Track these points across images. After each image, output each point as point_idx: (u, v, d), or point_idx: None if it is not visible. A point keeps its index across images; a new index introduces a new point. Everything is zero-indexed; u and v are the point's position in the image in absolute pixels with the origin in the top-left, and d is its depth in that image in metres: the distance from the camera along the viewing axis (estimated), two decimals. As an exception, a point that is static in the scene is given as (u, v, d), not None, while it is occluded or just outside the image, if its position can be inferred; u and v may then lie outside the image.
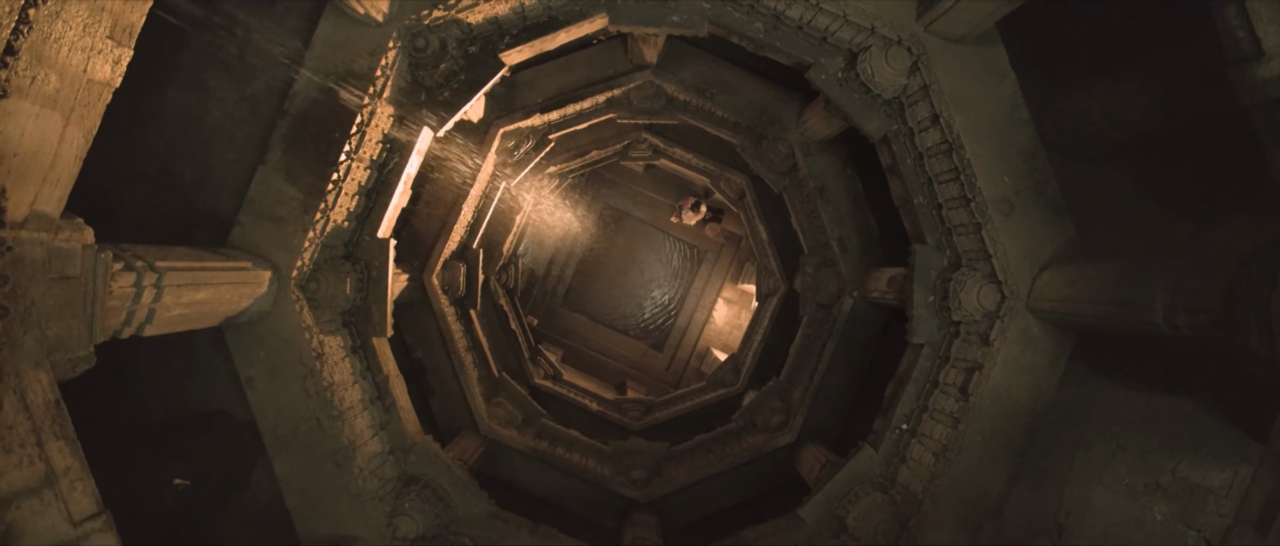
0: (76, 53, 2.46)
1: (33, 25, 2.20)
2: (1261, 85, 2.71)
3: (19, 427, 2.39)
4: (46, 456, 2.55)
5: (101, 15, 2.50)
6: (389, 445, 5.12)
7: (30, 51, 2.25)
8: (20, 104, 2.31)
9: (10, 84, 2.21)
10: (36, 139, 2.44)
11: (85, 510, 2.65)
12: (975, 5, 4.23)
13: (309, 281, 4.67)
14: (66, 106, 2.51)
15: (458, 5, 4.62)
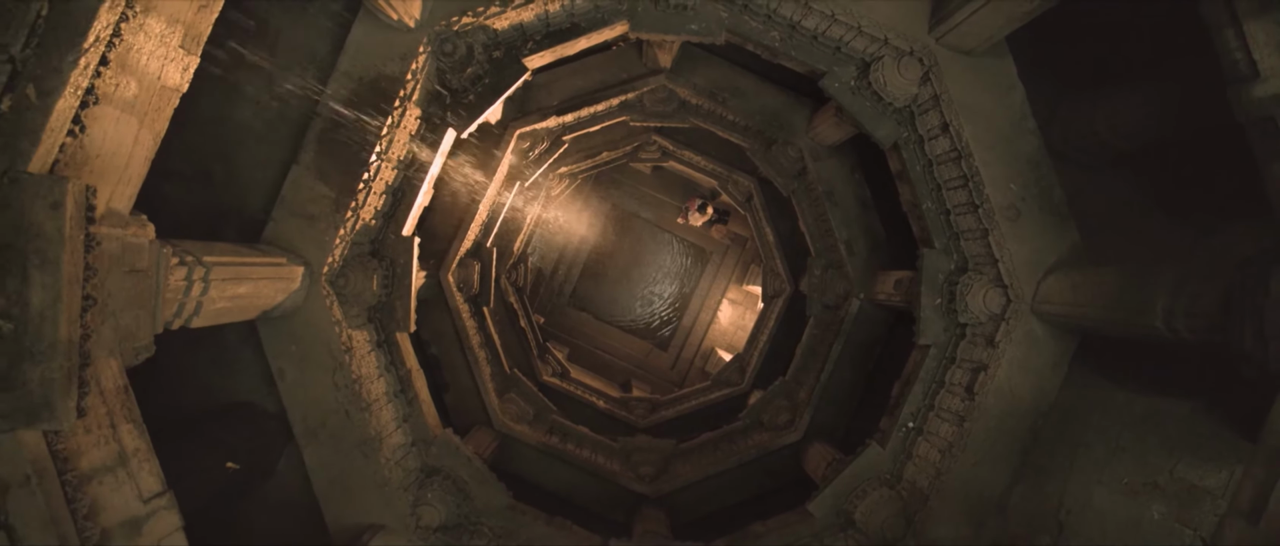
0: (153, 61, 2.65)
1: (123, 36, 2.39)
2: (1257, 104, 2.91)
3: (97, 411, 2.58)
4: (119, 438, 2.74)
5: (176, 26, 2.69)
6: (412, 437, 5.31)
7: (118, 61, 2.44)
8: (106, 109, 2.50)
9: (100, 92, 2.40)
10: (115, 141, 2.63)
11: (152, 488, 2.84)
12: (986, 20, 4.43)
13: (338, 277, 4.85)
14: (141, 111, 2.71)
15: (485, 12, 4.81)
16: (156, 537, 2.81)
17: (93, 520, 2.53)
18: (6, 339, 2.22)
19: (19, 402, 2.24)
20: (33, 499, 2.34)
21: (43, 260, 2.24)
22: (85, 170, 2.52)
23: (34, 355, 2.25)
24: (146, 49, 2.58)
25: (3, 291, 2.22)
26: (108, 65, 2.39)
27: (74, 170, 2.45)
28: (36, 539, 2.34)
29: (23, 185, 2.22)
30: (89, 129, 2.44)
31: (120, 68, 2.47)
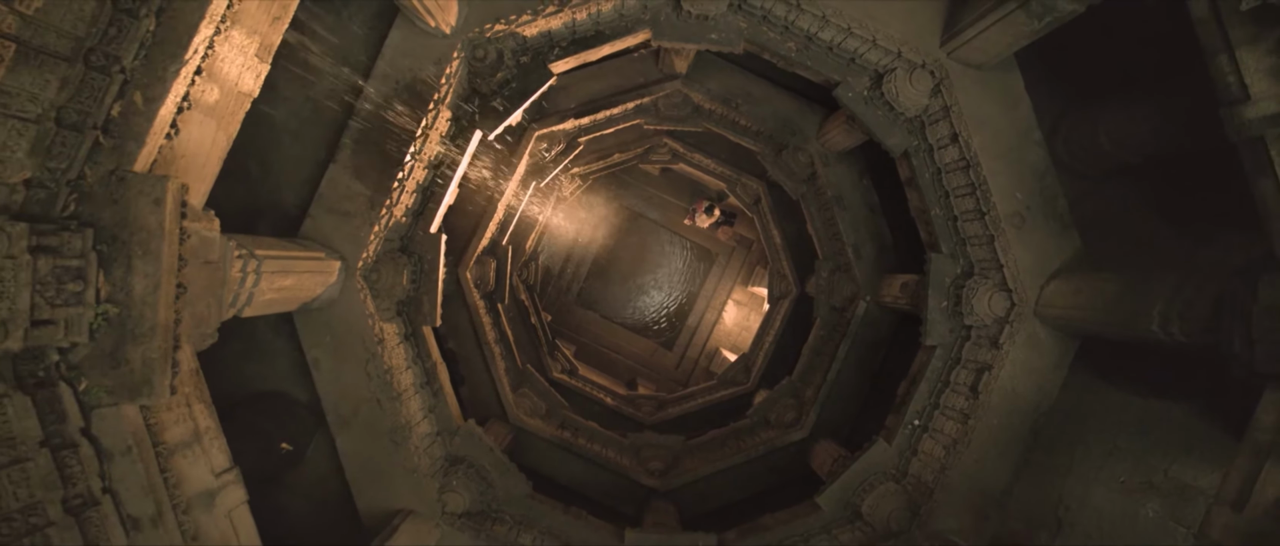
0: (233, 69, 2.90)
1: (214, 47, 2.64)
2: (1248, 124, 3.18)
3: (179, 391, 2.83)
4: (194, 416, 2.99)
5: (253, 37, 2.94)
6: (437, 427, 5.56)
7: (208, 70, 2.69)
8: (194, 114, 2.75)
9: (192, 98, 2.65)
10: (197, 143, 2.88)
11: (222, 464, 3.09)
12: (995, 37, 4.69)
13: (372, 272, 5.10)
14: (220, 115, 2.96)
15: (516, 20, 5.06)
16: (227, 509, 3.06)
17: (178, 490, 2.78)
18: (113, 322, 2.47)
19: (122, 379, 2.49)
20: (134, 467, 2.59)
21: (145, 251, 2.49)
22: (173, 169, 2.77)
23: (136, 337, 2.50)
24: (229, 58, 2.83)
25: (109, 278, 2.47)
26: (201, 74, 2.64)
27: (166, 169, 2.71)
28: (137, 505, 2.59)
29: (129, 183, 2.47)
30: (181, 132, 2.69)
31: (209, 76, 2.73)
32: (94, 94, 2.36)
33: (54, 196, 2.39)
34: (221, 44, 2.72)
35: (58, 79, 2.23)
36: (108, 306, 2.47)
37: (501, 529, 5.37)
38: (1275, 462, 3.01)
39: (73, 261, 2.36)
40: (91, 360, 2.49)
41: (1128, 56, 5.45)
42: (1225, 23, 3.07)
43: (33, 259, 2.22)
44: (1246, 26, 3.01)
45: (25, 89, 2.15)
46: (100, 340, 2.50)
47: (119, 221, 2.47)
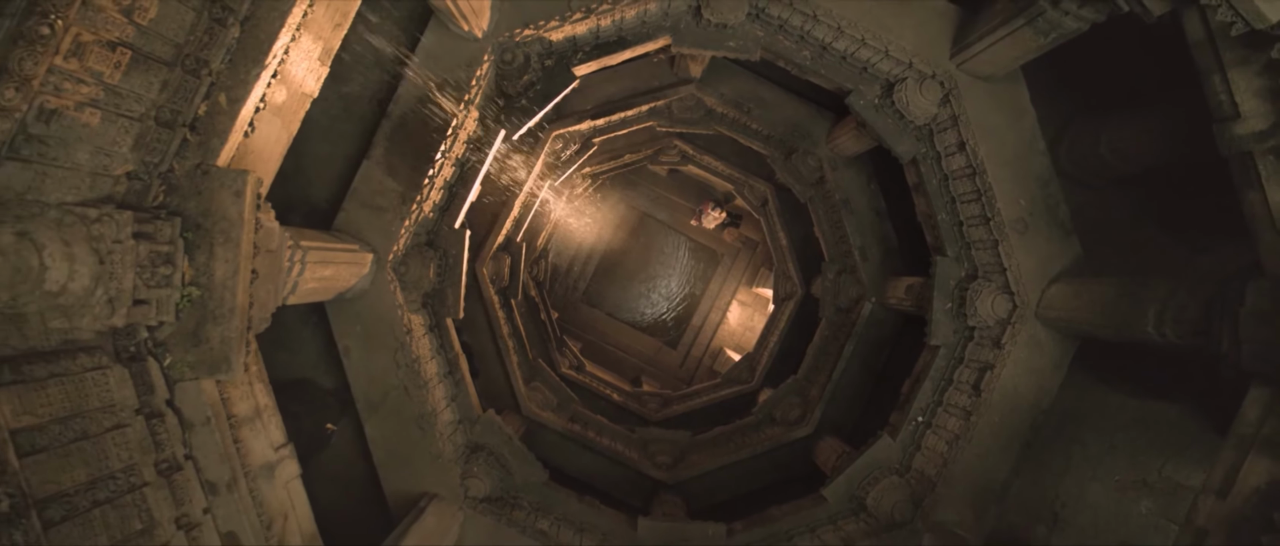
0: (299, 71, 3.16)
1: (289, 53, 2.90)
2: (1238, 140, 3.44)
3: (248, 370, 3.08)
4: (255, 394, 3.24)
5: (319, 42, 3.20)
6: (459, 415, 5.81)
7: (281, 73, 2.94)
8: (265, 113, 3.00)
9: (267, 99, 2.91)
10: (266, 139, 3.13)
11: (278, 440, 3.34)
12: (1003, 51, 4.96)
13: (401, 264, 5.35)
14: (285, 114, 3.21)
15: (545, 26, 5.31)
16: (284, 480, 3.31)
17: (246, 460, 3.02)
18: (196, 303, 2.73)
19: (203, 356, 2.74)
20: (212, 436, 2.84)
21: (226, 239, 2.74)
22: (246, 164, 3.03)
23: (216, 317, 2.75)
24: (298, 62, 3.09)
25: (194, 263, 2.72)
26: (275, 77, 2.89)
27: (240, 164, 2.96)
28: (214, 471, 2.84)
29: (213, 176, 2.72)
30: (256, 130, 2.94)
31: (280, 78, 2.98)
32: (185, 95, 2.61)
33: (147, 188, 2.64)
34: (294, 49, 2.98)
35: (159, 81, 2.48)
36: (191, 289, 2.72)
37: (520, 514, 5.62)
38: (1258, 454, 3.27)
39: (164, 247, 2.61)
40: (176, 338, 2.75)
41: (1130, 71, 5.71)
42: (1218, 46, 3.34)
43: (135, 244, 2.47)
44: (1238, 50, 3.28)
45: (134, 90, 2.40)
46: (184, 320, 2.75)
47: (203, 211, 2.72)
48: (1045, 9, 4.36)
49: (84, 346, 2.45)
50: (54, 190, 2.29)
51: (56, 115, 2.18)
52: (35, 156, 2.19)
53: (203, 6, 2.50)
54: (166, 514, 2.60)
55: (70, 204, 2.33)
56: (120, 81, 2.32)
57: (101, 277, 2.37)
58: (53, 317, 2.31)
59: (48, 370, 2.29)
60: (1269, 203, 3.38)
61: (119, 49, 2.26)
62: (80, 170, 2.36)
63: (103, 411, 2.47)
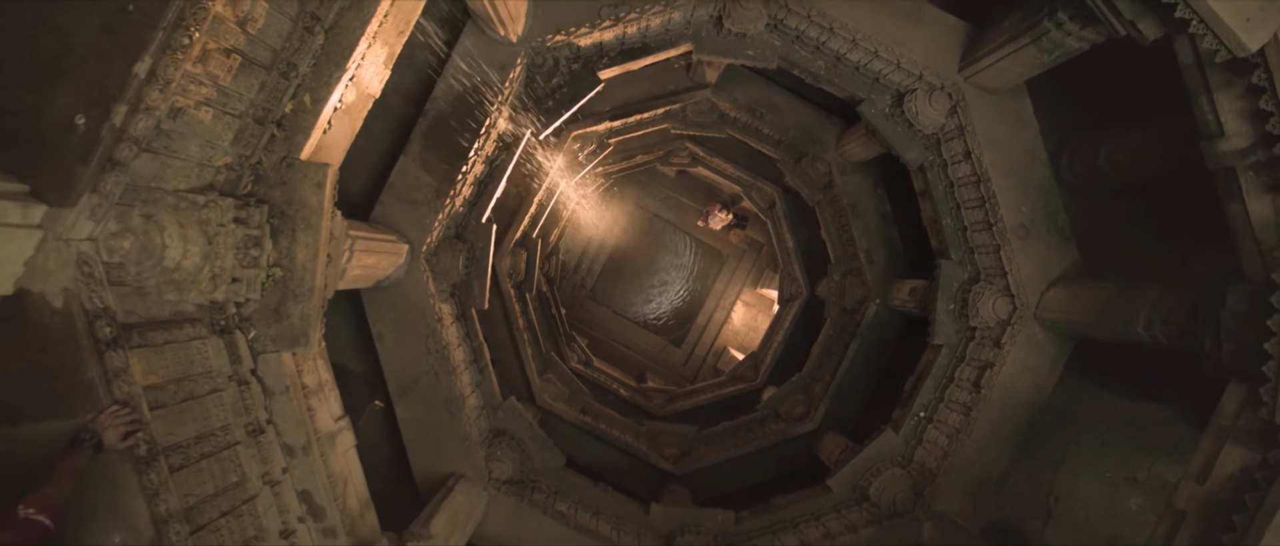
0: (368, 74, 3.49)
1: (365, 57, 3.23)
2: (1222, 156, 3.79)
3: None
4: (318, 369, 3.57)
5: (385, 47, 3.53)
6: (483, 401, 6.14)
7: (356, 75, 3.27)
8: (338, 113, 3.33)
9: (343, 100, 3.24)
10: (335, 135, 3.46)
11: (337, 412, 3.67)
12: (1010, 66, 5.30)
13: (433, 256, 5.68)
14: (352, 113, 3.55)
15: (575, 32, 5.64)
16: (343, 450, 3.64)
17: (315, 428, 3.35)
18: (278, 283, 3.05)
19: (284, 331, 3.07)
20: (290, 404, 3.17)
21: (307, 225, 3.07)
22: (319, 158, 3.35)
23: (297, 296, 3.08)
24: (368, 66, 3.42)
25: (277, 247, 3.05)
26: (351, 80, 3.22)
27: (315, 158, 3.29)
28: (291, 435, 3.16)
29: (297, 168, 3.05)
30: (331, 127, 3.27)
31: (354, 81, 3.31)
32: (277, 95, 2.94)
33: (239, 178, 2.97)
34: (367, 55, 3.31)
35: (258, 83, 2.81)
36: (275, 269, 3.05)
37: (540, 496, 5.94)
38: (1233, 443, 3.62)
39: (254, 231, 2.93)
40: (260, 314, 3.07)
41: (1129, 87, 6.06)
42: (1205, 70, 3.69)
43: (234, 228, 2.79)
44: (1222, 74, 3.62)
45: (239, 91, 2.72)
46: (267, 297, 3.07)
47: (287, 200, 3.05)
48: (1049, 29, 4.70)
49: (188, 318, 2.77)
50: (172, 179, 2.62)
51: (181, 113, 2.50)
52: (161, 149, 2.51)
53: (298, 17, 2.82)
54: (255, 470, 2.92)
55: (183, 191, 2.65)
56: (230, 83, 2.65)
57: (209, 256, 2.70)
58: (167, 290, 2.64)
59: (164, 337, 2.61)
60: (1249, 214, 3.73)
61: (232, 55, 2.59)
62: (191, 161, 2.68)
63: (203, 376, 2.79)
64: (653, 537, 6.18)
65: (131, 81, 2.22)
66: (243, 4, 2.52)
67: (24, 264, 2.19)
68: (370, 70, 3.47)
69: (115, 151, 2.28)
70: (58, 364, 2.29)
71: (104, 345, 2.36)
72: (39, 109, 2.20)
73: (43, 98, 2.20)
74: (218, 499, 2.70)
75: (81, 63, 2.21)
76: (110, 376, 2.36)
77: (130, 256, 2.47)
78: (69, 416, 2.31)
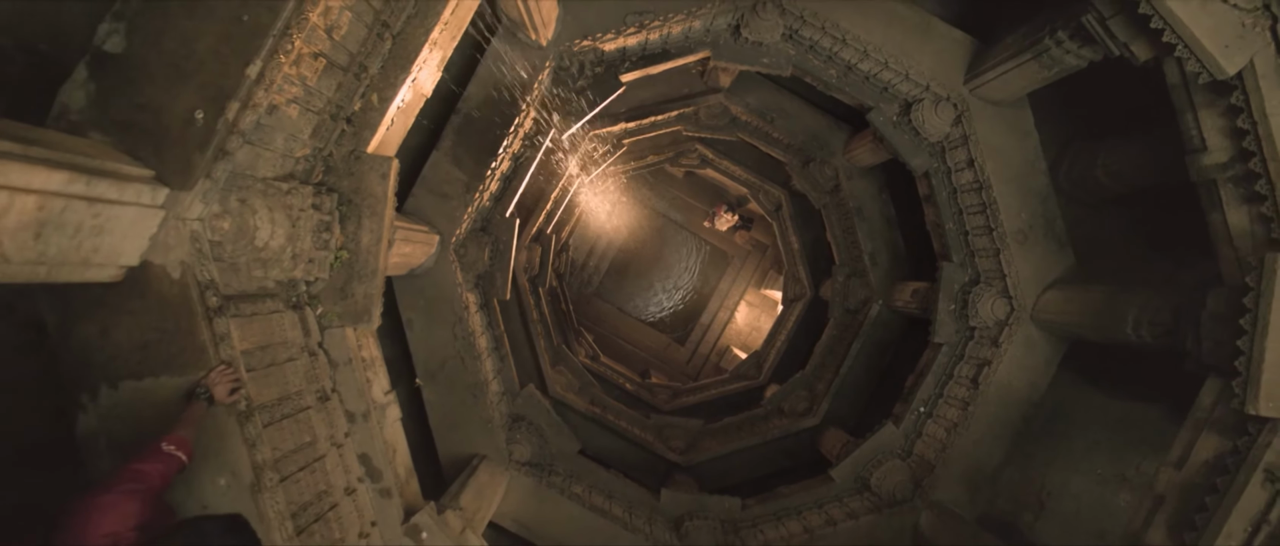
0: (424, 75, 3.84)
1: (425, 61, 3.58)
2: (1205, 169, 4.15)
3: (371, 323, 3.76)
4: (370, 346, 3.91)
5: (440, 51, 3.88)
6: (503, 387, 6.48)
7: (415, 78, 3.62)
8: (398, 111, 3.68)
9: (403, 101, 3.59)
10: (394, 132, 3.81)
11: (385, 386, 4.02)
12: (1012, 80, 5.66)
13: (461, 247, 6.03)
14: (408, 110, 3.90)
15: (601, 37, 5.99)
16: (391, 421, 3.99)
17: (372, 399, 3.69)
18: (345, 265, 3.40)
19: (349, 308, 3.42)
20: (352, 375, 3.51)
21: (372, 213, 3.42)
22: (381, 151, 3.70)
23: (361, 277, 3.42)
24: (426, 69, 3.77)
25: (344, 231, 3.40)
26: (415, 82, 3.57)
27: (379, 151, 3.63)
28: (352, 404, 3.51)
29: (363, 161, 3.40)
30: (398, 124, 3.62)
31: (414, 82, 3.66)
32: (349, 93, 3.29)
33: (312, 168, 3.31)
34: (428, 58, 3.66)
35: (336, 83, 3.16)
36: (342, 252, 3.40)
37: (557, 478, 6.29)
38: (1209, 433, 3.98)
39: (326, 217, 3.28)
40: (327, 292, 3.42)
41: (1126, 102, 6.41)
42: (1190, 89, 4.05)
43: (312, 213, 3.14)
44: (1205, 94, 3.99)
45: (320, 90, 3.07)
46: (334, 277, 3.42)
47: (354, 189, 3.40)
48: (1049, 47, 5.06)
49: (269, 293, 3.12)
50: (262, 168, 2.96)
51: (275, 110, 2.85)
52: (257, 141, 2.86)
53: (372, 24, 3.17)
54: (323, 433, 3.26)
55: (270, 178, 3.00)
56: (314, 83, 2.99)
57: (292, 238, 3.05)
58: (255, 267, 2.98)
59: (251, 309, 2.96)
60: (1228, 223, 4.09)
61: (319, 58, 2.94)
62: (277, 152, 3.03)
63: (282, 346, 3.14)
64: (663, 521, 6.53)
65: (244, 81, 2.56)
66: (332, 14, 2.87)
67: (149, 239, 2.53)
68: (426, 72, 3.82)
69: (227, 143, 2.62)
70: (174, 327, 2.63)
71: (212, 312, 2.70)
72: (165, 105, 2.54)
73: (168, 95, 2.54)
74: (296, 455, 3.05)
75: (202, 65, 2.55)
76: (217, 340, 2.71)
77: (227, 236, 2.81)
78: (183, 373, 2.65)
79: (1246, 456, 3.63)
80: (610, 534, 6.07)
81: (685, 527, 6.41)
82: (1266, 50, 3.56)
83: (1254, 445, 3.62)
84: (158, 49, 2.53)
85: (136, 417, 2.61)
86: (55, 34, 3.22)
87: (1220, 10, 3.53)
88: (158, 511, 2.23)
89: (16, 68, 3.15)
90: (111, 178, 2.30)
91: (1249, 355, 3.65)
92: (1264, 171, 3.72)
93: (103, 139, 2.52)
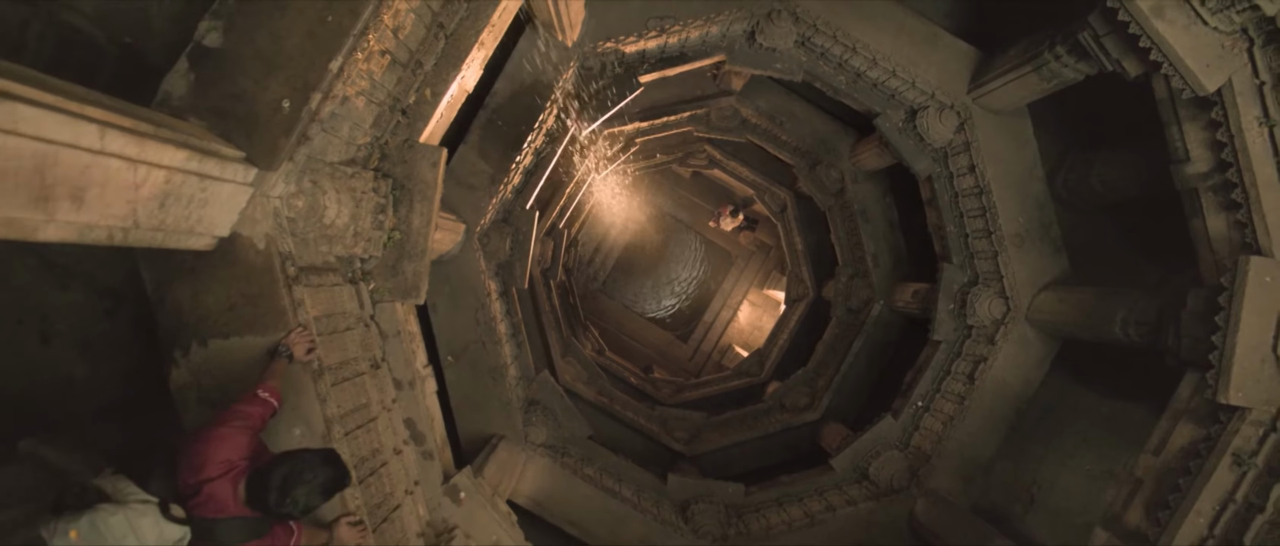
0: (469, 73, 4.18)
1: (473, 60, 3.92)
2: (1188, 178, 4.52)
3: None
4: (409, 322, 4.25)
5: (484, 51, 4.23)
6: (520, 372, 6.82)
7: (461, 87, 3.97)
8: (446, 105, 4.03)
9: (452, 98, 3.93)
10: (438, 123, 4.15)
11: (423, 360, 4.38)
12: (1013, 90, 6.02)
13: (485, 236, 6.36)
14: (451, 104, 4.24)
15: (623, 40, 6.34)
16: (428, 392, 4.33)
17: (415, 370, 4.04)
18: (396, 244, 3.75)
19: (399, 285, 3.76)
20: (400, 346, 3.86)
21: (423, 197, 3.76)
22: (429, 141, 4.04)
23: (411, 256, 3.77)
24: (471, 67, 4.11)
25: (396, 214, 3.74)
26: (462, 77, 3.92)
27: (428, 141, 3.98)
28: (400, 372, 3.85)
29: (416, 150, 3.75)
30: (444, 118, 3.97)
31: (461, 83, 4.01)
32: (406, 88, 3.63)
33: (370, 155, 3.66)
34: (475, 57, 4.00)
35: (396, 77, 3.51)
36: (394, 232, 3.74)
37: (570, 460, 6.63)
38: (1185, 422, 4.34)
39: (382, 199, 3.63)
40: (379, 269, 3.76)
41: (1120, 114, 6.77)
42: (1176, 104, 4.41)
43: (372, 195, 3.49)
44: (1189, 108, 4.35)
45: (383, 84, 3.42)
46: (386, 256, 3.76)
47: (407, 175, 3.74)
48: (1048, 61, 5.42)
49: (331, 267, 3.46)
50: (331, 153, 3.31)
51: (346, 100, 3.20)
52: (329, 128, 3.20)
53: (430, 25, 3.52)
54: (375, 397, 3.60)
55: (337, 163, 3.35)
56: (380, 78, 3.34)
57: (355, 217, 3.39)
58: (321, 243, 3.33)
59: (319, 280, 3.30)
60: (1208, 228, 4.46)
61: (385, 55, 3.28)
62: (343, 139, 3.37)
63: (341, 315, 3.48)
64: (669, 505, 6.87)
65: (326, 75, 2.90)
66: (399, 15, 3.22)
67: (239, 213, 2.87)
68: (471, 71, 4.17)
69: (309, 130, 2.97)
70: (258, 293, 2.97)
71: (290, 281, 3.04)
72: (255, 95, 2.89)
73: (259, 86, 2.89)
74: (354, 414, 3.39)
75: (289, 60, 2.90)
76: (295, 305, 3.05)
77: (301, 213, 3.16)
78: (265, 334, 2.99)
79: (1217, 442, 3.99)
80: (621, 514, 6.41)
81: (691, 510, 6.75)
82: (1244, 70, 3.92)
83: (1224, 432, 3.98)
84: (251, 44, 2.88)
85: (224, 372, 2.96)
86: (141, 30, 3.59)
87: (1202, 32, 3.90)
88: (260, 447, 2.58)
89: (110, 59, 3.51)
90: (216, 157, 2.65)
91: (1222, 349, 4.01)
92: (1240, 181, 4.09)
93: (200, 123, 2.86)
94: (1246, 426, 3.89)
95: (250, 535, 2.47)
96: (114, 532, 2.18)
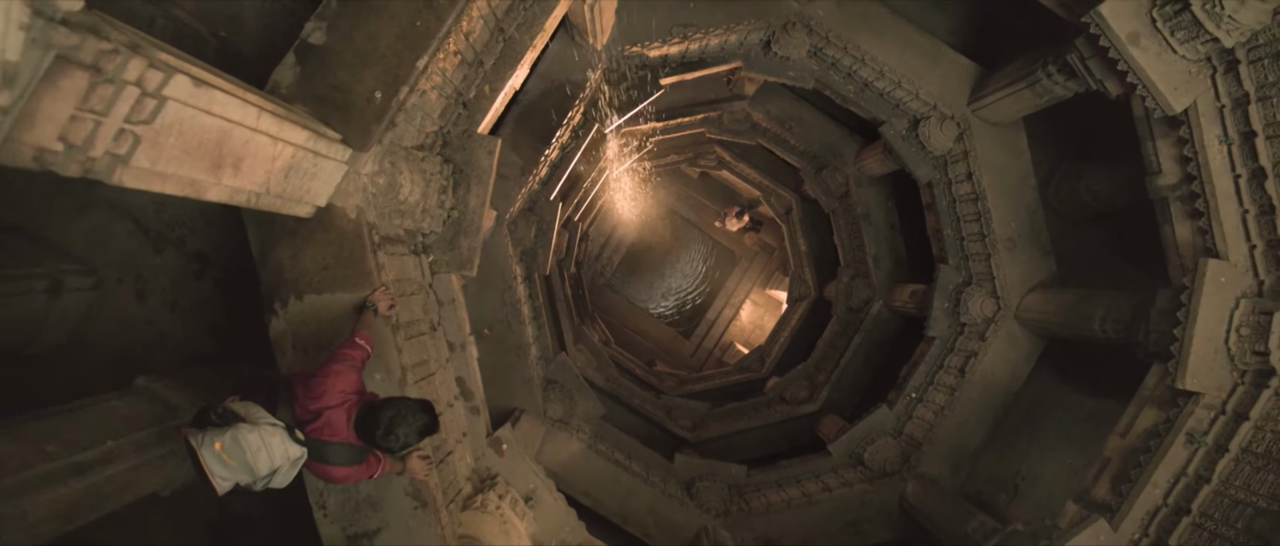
0: (515, 75, 4.72)
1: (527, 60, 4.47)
2: (1160, 189, 5.09)
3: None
4: (456, 291, 4.79)
5: (534, 52, 4.77)
6: (540, 352, 7.36)
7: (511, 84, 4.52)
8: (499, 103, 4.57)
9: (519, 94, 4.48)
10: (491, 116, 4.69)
11: (467, 328, 4.90)
12: (1009, 104, 6.59)
13: (513, 223, 6.90)
14: (502, 99, 4.77)
15: (648, 45, 6.88)
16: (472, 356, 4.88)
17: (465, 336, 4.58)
18: (454, 222, 4.29)
19: (455, 258, 4.30)
20: (454, 313, 4.39)
21: (479, 181, 4.30)
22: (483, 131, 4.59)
23: (467, 233, 4.31)
24: (519, 69, 4.66)
25: (455, 195, 4.29)
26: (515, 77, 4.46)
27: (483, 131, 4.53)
28: (453, 335, 4.39)
29: (474, 139, 4.29)
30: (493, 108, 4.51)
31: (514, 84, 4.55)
32: (469, 83, 4.17)
33: (435, 142, 4.20)
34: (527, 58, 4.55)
35: (463, 74, 4.05)
36: (453, 211, 4.28)
37: (585, 436, 7.17)
38: (1150, 407, 4.90)
39: (444, 182, 4.17)
40: (438, 243, 4.30)
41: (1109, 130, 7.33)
42: (1150, 121, 4.98)
43: (437, 177, 4.03)
44: (1161, 126, 4.92)
45: (452, 79, 3.96)
46: (444, 231, 4.30)
47: (465, 161, 4.28)
48: (1041, 78, 5.98)
49: (400, 239, 4.00)
50: (406, 138, 3.85)
51: (423, 94, 3.74)
52: (408, 118, 3.74)
53: (494, 30, 4.07)
54: (434, 354, 4.14)
55: (411, 147, 3.89)
56: (450, 74, 3.88)
57: (423, 195, 3.93)
58: (394, 217, 3.87)
59: (393, 249, 3.84)
60: (1175, 234, 5.02)
61: (456, 55, 3.83)
62: (416, 127, 3.92)
63: (409, 281, 4.02)
64: (676, 482, 7.42)
65: (414, 71, 3.45)
66: (473, 20, 3.76)
67: (335, 187, 3.41)
68: (520, 70, 4.72)
69: (396, 118, 3.51)
70: (348, 256, 3.51)
71: (374, 246, 3.58)
72: (352, 86, 3.43)
73: (355, 79, 3.43)
74: (420, 367, 3.93)
75: (382, 57, 3.44)
76: (378, 268, 3.59)
77: (382, 189, 3.70)
78: (354, 291, 3.53)
79: (1174, 423, 4.54)
80: (631, 487, 6.95)
81: (696, 487, 7.29)
82: (1207, 94, 4.49)
83: (1181, 414, 4.53)
84: (350, 43, 3.42)
85: (317, 322, 3.50)
86: (233, 25, 4.14)
87: (1171, 59, 4.46)
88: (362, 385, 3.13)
89: (210, 50, 4.05)
90: (325, 138, 3.19)
91: (1181, 341, 4.56)
92: (1202, 192, 4.65)
93: (305, 109, 3.40)
94: (1200, 409, 4.45)
95: (353, 459, 3.04)
96: (251, 447, 2.71)
